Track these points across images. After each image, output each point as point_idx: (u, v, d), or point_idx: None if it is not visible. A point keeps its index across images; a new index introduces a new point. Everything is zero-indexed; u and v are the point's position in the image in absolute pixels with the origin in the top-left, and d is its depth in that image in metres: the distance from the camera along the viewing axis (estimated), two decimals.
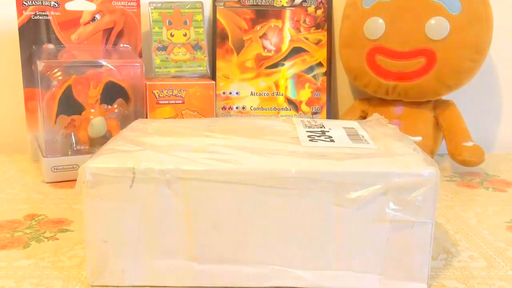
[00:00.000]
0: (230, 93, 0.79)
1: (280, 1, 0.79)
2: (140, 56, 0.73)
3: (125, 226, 0.37)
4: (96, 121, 0.64)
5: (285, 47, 0.79)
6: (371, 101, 0.77)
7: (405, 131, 0.66)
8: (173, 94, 0.69)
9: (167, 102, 0.69)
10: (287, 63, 0.79)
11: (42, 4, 0.67)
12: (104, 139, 0.65)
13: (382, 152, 0.39)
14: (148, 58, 0.75)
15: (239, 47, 0.79)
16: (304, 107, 0.79)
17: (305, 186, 0.36)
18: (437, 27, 0.65)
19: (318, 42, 0.80)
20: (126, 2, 0.71)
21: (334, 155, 0.38)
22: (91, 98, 0.64)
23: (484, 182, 0.66)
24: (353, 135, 0.44)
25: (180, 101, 0.70)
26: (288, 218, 0.36)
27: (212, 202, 0.36)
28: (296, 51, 0.79)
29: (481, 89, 0.84)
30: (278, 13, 0.79)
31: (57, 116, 0.63)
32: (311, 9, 0.80)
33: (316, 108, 0.80)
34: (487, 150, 0.73)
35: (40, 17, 0.67)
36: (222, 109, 0.79)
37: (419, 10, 0.66)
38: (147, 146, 0.40)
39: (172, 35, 0.74)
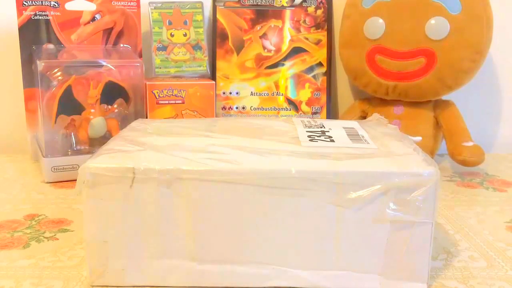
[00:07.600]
0: (230, 93, 0.79)
1: (280, 1, 0.79)
2: (140, 56, 0.73)
3: (125, 226, 0.37)
4: (96, 121, 0.64)
5: (285, 47, 0.79)
6: (371, 101, 0.77)
7: (405, 131, 0.66)
8: (173, 94, 0.69)
9: (167, 102, 0.69)
10: (287, 63, 0.79)
11: (42, 4, 0.67)
12: (104, 139, 0.65)
13: (382, 152, 0.39)
14: (148, 58, 0.75)
15: (239, 47, 0.79)
16: (304, 107, 0.79)
17: (305, 186, 0.36)
18: (437, 27, 0.65)
19: (318, 42, 0.80)
20: (126, 2, 0.71)
21: (334, 155, 0.38)
22: (91, 98, 0.64)
23: (484, 182, 0.66)
24: (353, 135, 0.44)
25: (180, 101, 0.70)
26: (288, 218, 0.36)
27: (212, 202, 0.36)
28: (296, 51, 0.79)
29: (481, 89, 0.84)
30: (278, 13, 0.79)
31: (57, 116, 0.63)
32: (311, 9, 0.80)
33: (316, 108, 0.80)
34: (487, 150, 0.73)
35: (40, 17, 0.67)
36: (222, 109, 0.79)
37: (419, 10, 0.66)
38: (147, 146, 0.40)
39: (172, 35, 0.74)
